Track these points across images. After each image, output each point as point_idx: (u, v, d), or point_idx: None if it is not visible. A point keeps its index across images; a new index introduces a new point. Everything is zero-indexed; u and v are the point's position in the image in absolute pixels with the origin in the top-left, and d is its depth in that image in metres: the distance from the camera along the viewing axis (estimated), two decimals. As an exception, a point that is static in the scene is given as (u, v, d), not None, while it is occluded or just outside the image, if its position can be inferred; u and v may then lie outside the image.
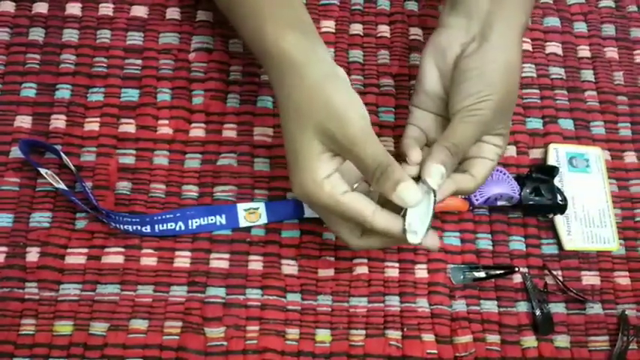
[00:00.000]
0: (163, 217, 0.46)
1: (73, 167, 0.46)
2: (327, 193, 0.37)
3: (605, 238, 0.50)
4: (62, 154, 0.47)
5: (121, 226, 0.46)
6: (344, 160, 0.38)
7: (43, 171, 0.46)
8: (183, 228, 0.46)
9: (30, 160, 0.46)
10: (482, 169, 0.41)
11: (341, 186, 0.37)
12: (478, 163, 0.41)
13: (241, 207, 0.47)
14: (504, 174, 0.48)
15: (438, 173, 0.37)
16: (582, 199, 0.51)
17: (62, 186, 0.46)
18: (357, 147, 0.36)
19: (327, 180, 0.37)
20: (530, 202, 0.48)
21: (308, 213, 0.47)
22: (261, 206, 0.47)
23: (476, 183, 0.41)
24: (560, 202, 0.49)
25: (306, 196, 0.38)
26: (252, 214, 0.47)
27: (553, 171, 0.49)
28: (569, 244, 0.50)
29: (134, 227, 0.46)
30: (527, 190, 0.48)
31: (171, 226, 0.46)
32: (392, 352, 0.45)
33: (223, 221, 0.47)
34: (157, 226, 0.46)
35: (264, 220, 0.47)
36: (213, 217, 0.47)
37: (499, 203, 0.48)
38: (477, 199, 0.47)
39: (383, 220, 0.37)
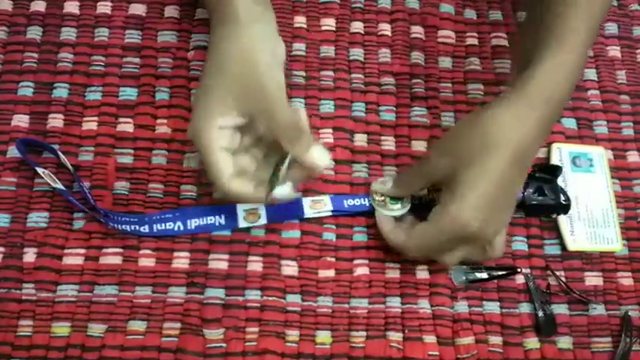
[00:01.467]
0: (161, 216, 0.46)
1: (70, 167, 0.46)
2: (210, 139, 0.40)
3: (609, 239, 0.50)
4: (60, 153, 0.46)
5: (119, 226, 0.45)
6: (245, 122, 0.41)
7: (40, 170, 0.45)
8: (181, 228, 0.46)
9: (27, 159, 0.46)
10: None
11: (222, 141, 0.40)
12: None
13: (241, 207, 0.47)
14: None
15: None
16: (586, 199, 0.51)
17: (60, 186, 0.45)
18: (273, 112, 0.40)
19: (218, 129, 0.40)
20: (534, 202, 0.48)
21: (308, 213, 0.47)
22: (260, 206, 0.47)
23: None
24: (563, 202, 0.48)
25: (195, 131, 0.40)
26: (252, 214, 0.47)
27: (556, 171, 0.49)
28: (572, 245, 0.49)
29: (132, 227, 0.46)
30: (531, 190, 0.48)
31: (169, 226, 0.46)
32: (393, 353, 0.45)
33: (222, 221, 0.46)
34: (155, 226, 0.46)
35: (263, 220, 0.47)
36: (212, 218, 0.46)
37: None
38: None
39: (235, 185, 0.40)
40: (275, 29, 0.44)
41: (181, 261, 0.46)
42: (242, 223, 0.47)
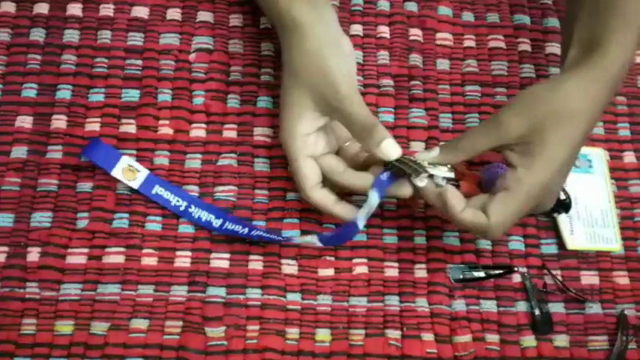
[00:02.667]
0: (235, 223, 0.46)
1: (146, 170, 0.47)
2: (295, 148, 0.43)
3: (608, 239, 0.50)
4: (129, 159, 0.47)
5: (199, 211, 0.47)
6: (330, 120, 0.44)
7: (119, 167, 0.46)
8: (245, 232, 0.46)
9: (100, 164, 0.47)
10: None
11: (309, 148, 0.43)
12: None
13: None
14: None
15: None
16: (585, 200, 0.51)
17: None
18: (345, 108, 0.42)
19: (302, 137, 0.43)
20: None
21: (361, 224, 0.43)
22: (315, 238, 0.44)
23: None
24: (564, 201, 0.49)
25: (283, 143, 0.44)
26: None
27: (556, 169, 0.49)
28: (571, 244, 0.49)
29: (208, 216, 0.47)
30: None
31: (237, 228, 0.46)
32: (391, 351, 0.45)
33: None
34: (227, 224, 0.46)
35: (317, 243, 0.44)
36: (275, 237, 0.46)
37: None
38: None
39: (318, 195, 0.44)
40: (337, 27, 0.45)
41: (183, 260, 0.46)
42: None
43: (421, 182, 0.42)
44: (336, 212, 0.44)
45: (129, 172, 0.46)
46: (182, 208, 0.47)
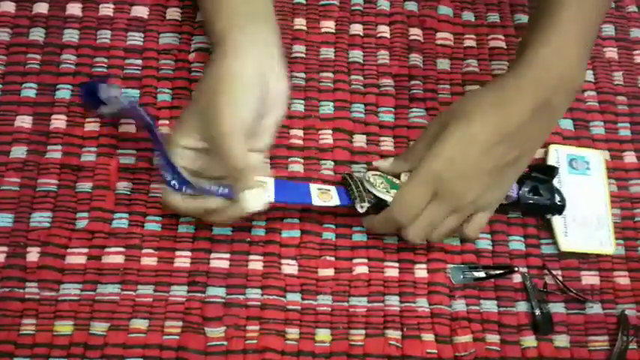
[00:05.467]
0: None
1: (149, 119, 0.44)
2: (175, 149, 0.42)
3: (602, 241, 0.50)
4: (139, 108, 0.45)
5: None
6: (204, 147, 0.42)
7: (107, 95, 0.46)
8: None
9: (89, 101, 0.47)
10: None
11: (185, 161, 0.42)
12: None
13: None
14: None
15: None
16: (581, 202, 0.51)
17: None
18: (223, 151, 0.40)
19: (181, 150, 0.42)
20: (529, 202, 0.48)
21: (316, 202, 0.45)
22: (269, 181, 0.45)
23: None
24: (558, 203, 0.49)
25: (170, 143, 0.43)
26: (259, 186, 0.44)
27: (552, 171, 0.49)
28: (565, 245, 0.49)
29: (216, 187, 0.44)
30: (526, 189, 0.48)
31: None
32: (392, 351, 0.45)
33: (225, 190, 0.43)
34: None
35: (270, 197, 0.44)
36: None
37: None
38: None
39: (174, 200, 0.43)
40: (273, 62, 0.43)
41: (183, 260, 0.46)
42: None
43: (361, 209, 0.45)
44: (190, 210, 0.43)
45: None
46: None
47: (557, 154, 0.52)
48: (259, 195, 0.42)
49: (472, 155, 0.42)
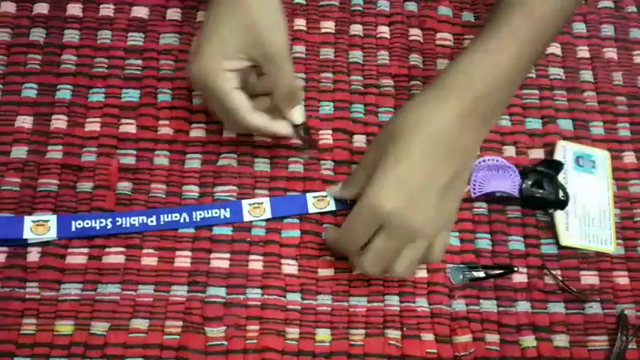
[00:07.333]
0: (169, 211, 0.47)
1: (53, 215, 0.46)
2: (222, 81, 0.41)
3: (603, 240, 0.50)
4: None
5: (127, 220, 0.46)
6: (252, 68, 0.43)
7: None
8: (187, 220, 0.46)
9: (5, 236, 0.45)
10: None
11: (236, 82, 0.42)
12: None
13: (246, 202, 0.48)
14: (509, 167, 0.48)
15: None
16: (584, 199, 0.51)
17: None
18: (280, 64, 0.42)
19: (229, 72, 0.42)
20: (532, 195, 0.48)
21: (312, 209, 0.48)
22: (265, 201, 0.48)
23: None
24: (561, 198, 0.49)
25: (202, 76, 0.42)
26: (257, 208, 0.47)
27: (557, 166, 0.50)
28: (566, 240, 0.50)
29: (140, 219, 0.46)
30: (529, 183, 0.48)
31: (175, 217, 0.46)
32: (391, 351, 0.45)
33: (227, 215, 0.47)
34: (162, 217, 0.46)
35: (268, 214, 0.47)
36: (217, 211, 0.47)
37: (498, 194, 0.49)
38: (474, 193, 0.48)
39: (258, 118, 0.43)
40: None
41: (183, 260, 0.46)
42: (247, 217, 0.47)
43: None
44: (275, 129, 0.45)
45: (39, 227, 0.45)
46: (109, 227, 0.46)
47: (565, 151, 0.52)
48: (302, 110, 0.45)
49: (413, 179, 0.39)
